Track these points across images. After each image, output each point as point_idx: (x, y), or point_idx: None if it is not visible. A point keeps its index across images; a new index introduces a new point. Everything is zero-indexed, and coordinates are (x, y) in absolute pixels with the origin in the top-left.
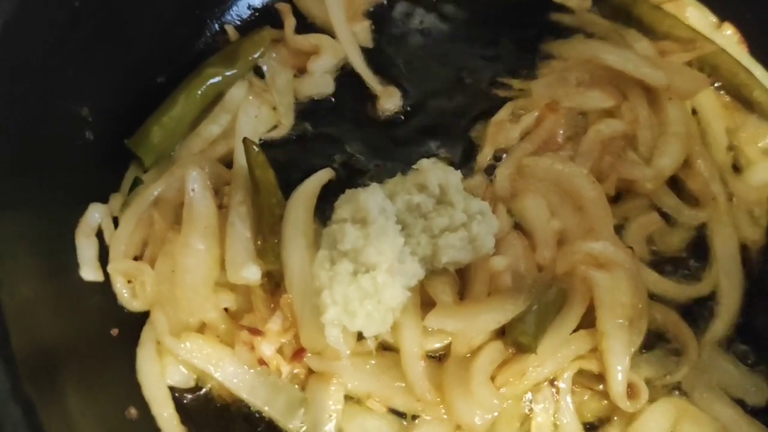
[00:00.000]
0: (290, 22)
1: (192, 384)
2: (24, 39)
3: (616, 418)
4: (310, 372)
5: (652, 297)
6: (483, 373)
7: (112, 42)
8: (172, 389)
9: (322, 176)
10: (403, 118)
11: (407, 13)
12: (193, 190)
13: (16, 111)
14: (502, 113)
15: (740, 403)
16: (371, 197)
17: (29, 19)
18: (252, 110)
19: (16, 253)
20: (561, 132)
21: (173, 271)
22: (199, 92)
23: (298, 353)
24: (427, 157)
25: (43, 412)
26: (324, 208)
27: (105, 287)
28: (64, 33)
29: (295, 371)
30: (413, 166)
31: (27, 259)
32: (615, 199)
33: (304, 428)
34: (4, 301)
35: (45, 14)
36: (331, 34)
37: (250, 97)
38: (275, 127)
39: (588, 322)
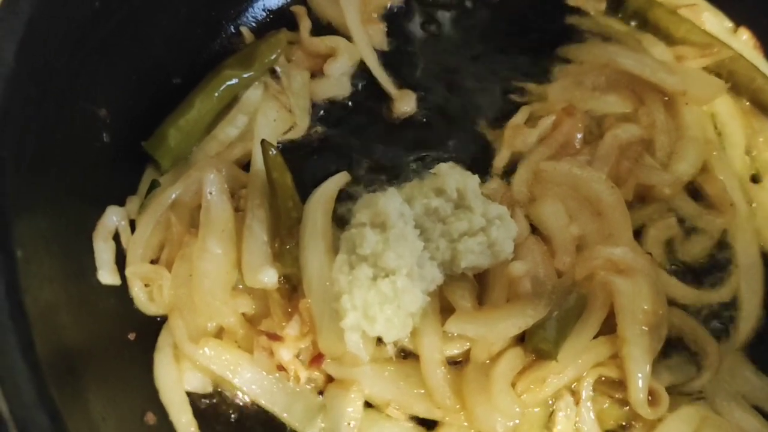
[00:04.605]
0: (306, 24)
1: (209, 389)
2: (45, 39)
3: (637, 425)
4: (329, 378)
5: (672, 303)
6: (504, 379)
7: (130, 43)
8: (189, 394)
9: (339, 180)
10: (418, 121)
11: (422, 16)
12: (210, 193)
13: (36, 112)
14: (519, 117)
15: (761, 411)
16: (390, 202)
17: (50, 19)
18: (271, 113)
19: (37, 256)
20: (578, 136)
21: (191, 276)
22: (216, 94)
23: (317, 359)
24: (444, 161)
25: (69, 418)
26: (340, 212)
27: (122, 291)
28: (84, 33)
29: (314, 376)
30: (431, 171)
31: (47, 262)
32: (632, 204)
33: None
34: (28, 305)
35: (65, 16)
36: (347, 37)
37: (268, 100)
38: (291, 129)
39: (607, 328)
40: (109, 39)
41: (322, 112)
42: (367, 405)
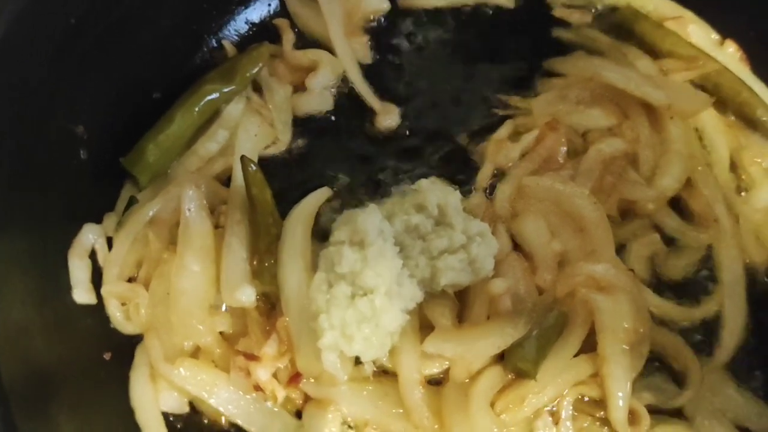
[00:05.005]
0: (289, 37)
1: (186, 409)
2: (20, 57)
3: None
4: (307, 397)
5: (654, 320)
6: (482, 399)
7: (108, 58)
8: (165, 414)
9: (320, 195)
10: (401, 135)
11: (406, 30)
12: (189, 209)
13: (11, 131)
14: (502, 131)
15: (743, 430)
16: (369, 219)
17: (25, 37)
18: (252, 128)
19: (9, 278)
20: (562, 151)
21: (168, 294)
22: (197, 109)
23: (294, 378)
24: (426, 176)
25: None
26: (321, 227)
27: (98, 310)
28: (61, 50)
29: (292, 396)
30: (412, 186)
31: (19, 282)
32: (615, 219)
33: None
34: None
35: (41, 32)
36: (330, 50)
37: (249, 115)
38: (272, 143)
39: (588, 346)
40: (86, 55)
41: (303, 126)
42: (345, 425)
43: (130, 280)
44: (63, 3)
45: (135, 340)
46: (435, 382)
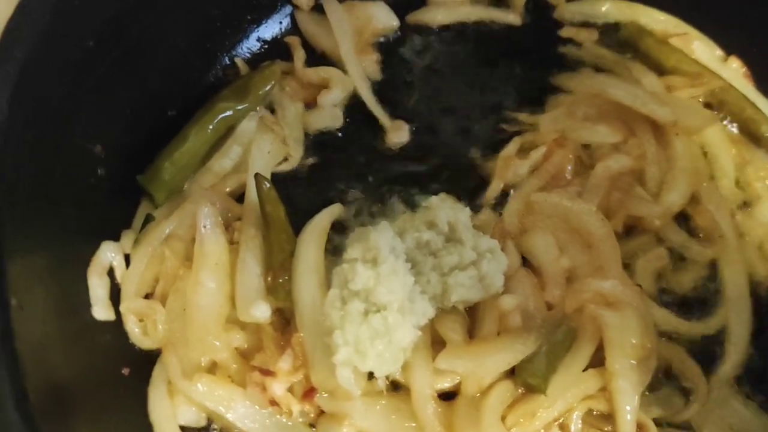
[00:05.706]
0: (300, 55)
1: (203, 423)
2: (40, 82)
3: None
4: (321, 411)
5: (661, 334)
6: (493, 413)
7: (125, 78)
8: (183, 428)
9: (332, 212)
10: (411, 151)
11: (416, 46)
12: (204, 226)
13: (31, 154)
14: (510, 148)
15: None
16: (381, 236)
17: (45, 62)
18: (265, 145)
19: (32, 300)
20: (569, 167)
21: (184, 310)
22: (210, 127)
23: (309, 392)
24: (436, 192)
25: None
26: (334, 243)
27: (116, 326)
28: (80, 73)
29: (306, 410)
30: (423, 203)
31: (41, 304)
32: (622, 235)
33: None
34: (21, 352)
35: (61, 56)
36: (341, 67)
37: (262, 132)
38: (285, 160)
39: (596, 360)
40: (104, 77)
41: (315, 142)
42: None
43: (148, 296)
44: (82, 26)
45: (153, 355)
46: (447, 397)
